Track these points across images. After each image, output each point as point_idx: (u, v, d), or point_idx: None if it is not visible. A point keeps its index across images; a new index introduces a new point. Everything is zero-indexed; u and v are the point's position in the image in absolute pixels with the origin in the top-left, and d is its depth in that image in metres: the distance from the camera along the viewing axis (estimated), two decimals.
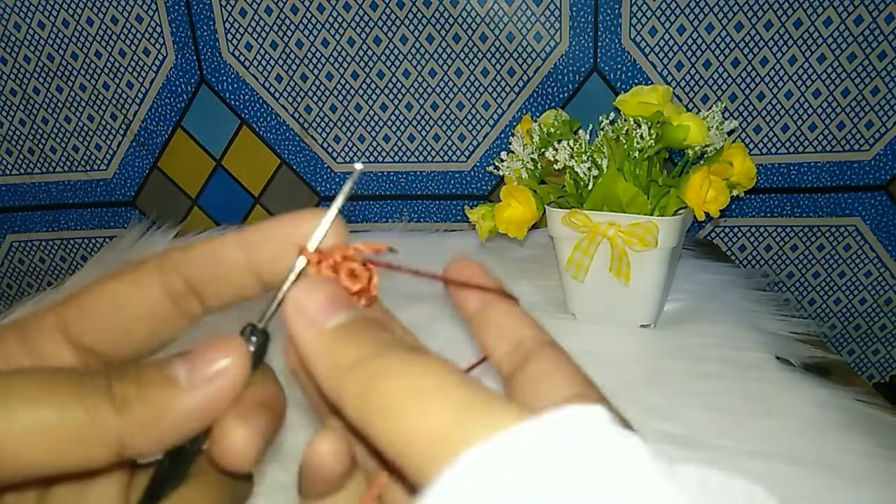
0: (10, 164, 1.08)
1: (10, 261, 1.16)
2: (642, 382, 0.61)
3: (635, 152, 0.63)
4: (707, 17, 0.89)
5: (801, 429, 0.53)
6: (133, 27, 0.97)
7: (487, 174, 1.00)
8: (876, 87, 0.90)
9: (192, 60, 0.99)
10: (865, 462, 0.49)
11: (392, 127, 1.00)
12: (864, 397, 0.57)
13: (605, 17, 0.90)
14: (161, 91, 1.01)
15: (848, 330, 1.05)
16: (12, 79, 1.02)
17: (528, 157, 0.68)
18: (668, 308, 0.72)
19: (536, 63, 0.93)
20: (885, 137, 0.92)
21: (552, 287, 0.76)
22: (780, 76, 0.91)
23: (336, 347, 0.17)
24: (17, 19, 0.98)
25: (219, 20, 0.96)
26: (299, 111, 1.00)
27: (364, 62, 0.96)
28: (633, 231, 0.62)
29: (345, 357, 0.17)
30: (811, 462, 0.49)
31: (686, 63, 0.91)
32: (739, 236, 1.01)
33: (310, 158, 1.03)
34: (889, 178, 0.95)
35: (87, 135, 1.05)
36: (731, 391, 0.58)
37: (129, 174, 1.08)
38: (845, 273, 1.01)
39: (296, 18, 0.95)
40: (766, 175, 0.96)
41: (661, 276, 0.66)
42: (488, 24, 0.91)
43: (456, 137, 1.00)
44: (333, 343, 0.18)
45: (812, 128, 0.93)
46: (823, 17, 0.87)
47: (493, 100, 0.96)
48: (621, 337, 0.68)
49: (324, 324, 0.18)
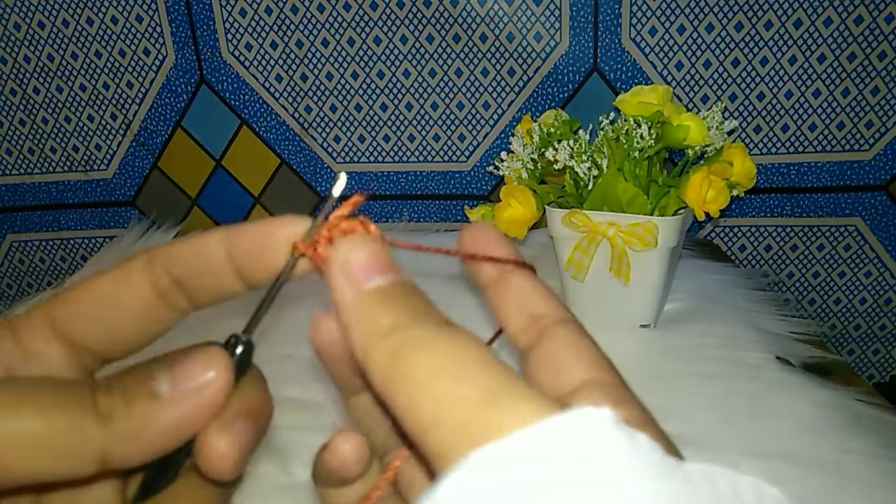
0: (10, 164, 1.08)
1: (10, 261, 1.16)
2: (642, 382, 0.60)
3: (635, 152, 0.63)
4: (707, 17, 0.89)
5: (801, 429, 0.53)
6: (133, 27, 0.97)
7: (487, 174, 1.00)
8: (876, 87, 0.90)
9: (192, 60, 0.99)
10: (865, 462, 0.49)
11: (392, 127, 1.00)
12: (865, 397, 0.57)
13: (605, 17, 0.90)
14: (161, 91, 1.01)
15: (848, 330, 1.05)
16: (12, 79, 1.02)
17: (528, 157, 0.68)
18: (668, 308, 0.72)
19: (536, 63, 0.93)
20: (885, 137, 0.92)
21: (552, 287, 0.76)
22: (780, 76, 0.91)
23: (372, 311, 0.17)
24: (17, 19, 0.98)
25: (219, 20, 0.96)
26: (299, 111, 1.00)
27: (364, 62, 0.96)
28: (633, 231, 0.62)
29: (379, 323, 0.17)
30: (811, 462, 0.49)
31: (686, 63, 0.91)
32: (739, 236, 1.01)
33: (310, 158, 1.03)
34: (889, 178, 0.95)
35: (87, 135, 1.05)
36: (731, 391, 0.58)
37: (129, 174, 1.08)
38: (845, 273, 1.01)
39: (296, 18, 0.95)
40: (766, 175, 0.96)
41: (661, 276, 0.66)
42: (488, 24, 0.91)
43: (456, 137, 1.00)
44: (371, 306, 0.17)
45: (812, 128, 0.93)
46: (823, 17, 0.87)
47: (493, 100, 0.96)
48: (621, 337, 0.68)
49: (363, 284, 0.18)
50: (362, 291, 0.18)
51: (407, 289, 0.18)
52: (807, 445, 0.51)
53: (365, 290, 0.18)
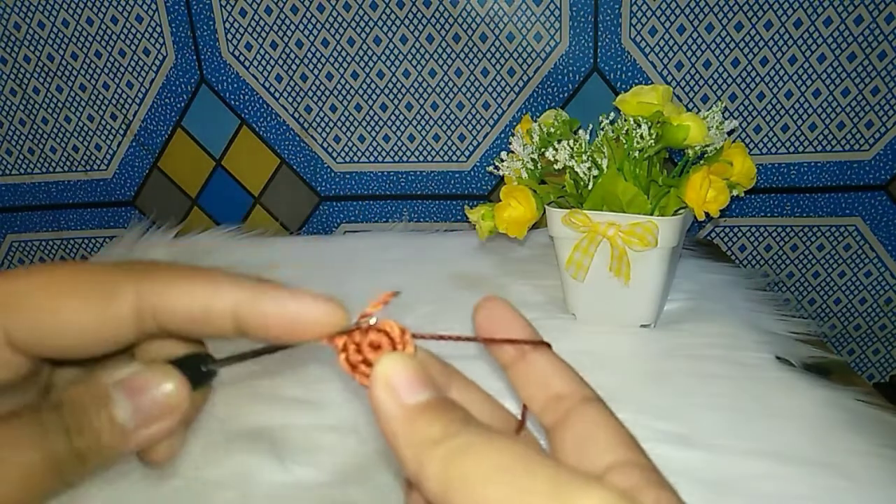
0: (10, 164, 1.08)
1: (10, 261, 1.16)
2: (642, 382, 0.61)
3: (635, 152, 0.63)
4: (707, 17, 0.89)
5: (801, 429, 0.53)
6: (133, 27, 0.97)
7: (487, 174, 1.00)
8: (876, 87, 0.90)
9: (192, 60, 0.99)
10: (866, 462, 0.49)
11: (392, 127, 1.00)
12: (865, 397, 0.57)
13: (605, 17, 0.90)
14: (161, 91, 1.01)
15: (848, 330, 1.05)
16: (12, 79, 1.02)
17: (528, 157, 0.68)
18: (668, 308, 0.72)
19: (536, 63, 0.93)
20: (885, 137, 0.92)
21: (552, 287, 0.76)
22: (780, 76, 0.91)
23: (421, 423, 0.18)
24: (17, 19, 0.98)
25: (219, 20, 0.96)
26: (299, 111, 1.00)
27: (364, 62, 0.96)
28: (633, 231, 0.62)
29: (428, 434, 0.18)
30: (811, 462, 0.49)
31: (686, 63, 0.91)
32: (739, 236, 1.01)
33: (310, 158, 1.03)
34: (889, 178, 0.95)
35: (87, 135, 1.05)
36: (731, 391, 0.58)
37: (129, 174, 1.08)
38: (845, 273, 1.01)
39: (296, 18, 0.95)
40: (766, 175, 0.96)
41: (661, 276, 0.66)
42: (488, 24, 0.91)
43: (456, 137, 1.00)
44: (418, 418, 0.18)
45: (812, 128, 0.93)
46: (823, 17, 0.87)
47: (493, 100, 0.96)
48: (621, 337, 0.68)
49: (408, 400, 0.19)
50: (408, 406, 0.19)
51: (449, 403, 0.19)
52: (807, 445, 0.51)
53: (410, 405, 0.19)
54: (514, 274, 0.82)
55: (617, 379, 0.60)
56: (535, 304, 0.74)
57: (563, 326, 0.69)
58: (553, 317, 0.71)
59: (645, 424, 0.53)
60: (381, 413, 0.19)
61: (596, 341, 0.67)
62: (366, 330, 0.21)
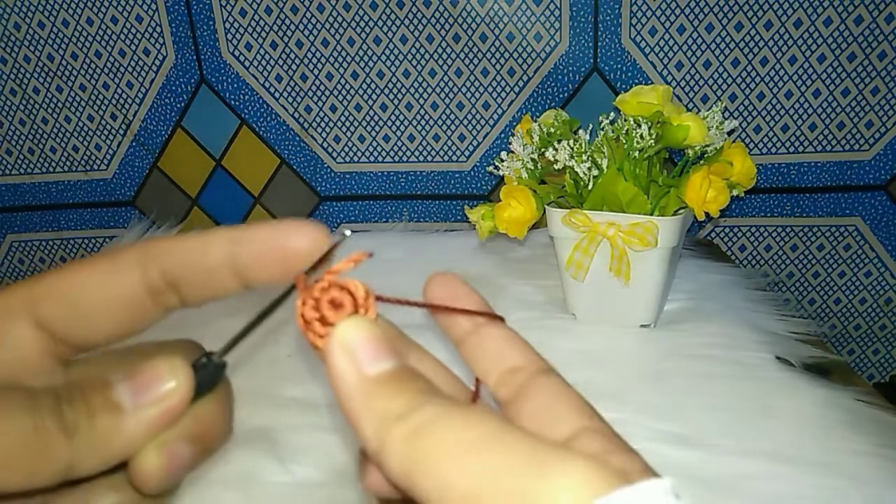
0: (10, 164, 1.08)
1: (10, 261, 1.16)
2: (642, 382, 0.61)
3: (635, 152, 0.63)
4: (707, 17, 0.89)
5: (801, 429, 0.53)
6: (133, 27, 0.97)
7: (487, 174, 1.00)
8: (876, 87, 0.90)
9: (192, 60, 0.99)
10: (865, 462, 0.49)
11: (392, 127, 1.00)
12: (864, 397, 0.57)
13: (605, 17, 0.90)
14: (161, 91, 1.01)
15: (848, 330, 1.05)
16: (12, 79, 1.02)
17: (528, 157, 0.68)
18: (668, 308, 0.72)
19: (536, 63, 0.93)
20: (885, 137, 0.92)
21: (552, 287, 0.76)
22: (780, 76, 0.91)
23: (382, 395, 0.17)
24: (17, 19, 0.98)
25: (219, 20, 0.96)
26: (299, 111, 1.00)
27: (364, 62, 0.96)
28: (633, 231, 0.62)
29: (390, 408, 0.16)
30: (811, 462, 0.49)
31: (686, 63, 0.91)
32: (739, 236, 1.01)
33: (310, 158, 1.03)
34: (889, 178, 0.95)
35: (87, 135, 1.05)
36: (731, 391, 0.58)
37: (129, 174, 1.08)
38: (845, 273, 1.01)
39: (296, 18, 0.95)
40: (766, 175, 0.96)
41: (661, 276, 0.66)
42: (488, 24, 0.91)
43: (456, 137, 1.00)
44: (379, 391, 0.17)
45: (812, 128, 0.93)
46: (823, 17, 0.87)
47: (493, 100, 0.96)
48: (621, 337, 0.68)
49: (369, 369, 0.17)
50: (368, 376, 0.17)
51: (411, 372, 0.18)
52: (807, 445, 0.51)
53: (371, 376, 0.17)
54: (514, 274, 0.82)
55: (617, 379, 0.60)
56: (535, 304, 0.74)
57: (563, 326, 0.69)
58: (553, 317, 0.71)
59: (644, 424, 0.53)
60: (337, 382, 0.17)
61: (596, 341, 0.67)
62: (327, 287, 0.19)
